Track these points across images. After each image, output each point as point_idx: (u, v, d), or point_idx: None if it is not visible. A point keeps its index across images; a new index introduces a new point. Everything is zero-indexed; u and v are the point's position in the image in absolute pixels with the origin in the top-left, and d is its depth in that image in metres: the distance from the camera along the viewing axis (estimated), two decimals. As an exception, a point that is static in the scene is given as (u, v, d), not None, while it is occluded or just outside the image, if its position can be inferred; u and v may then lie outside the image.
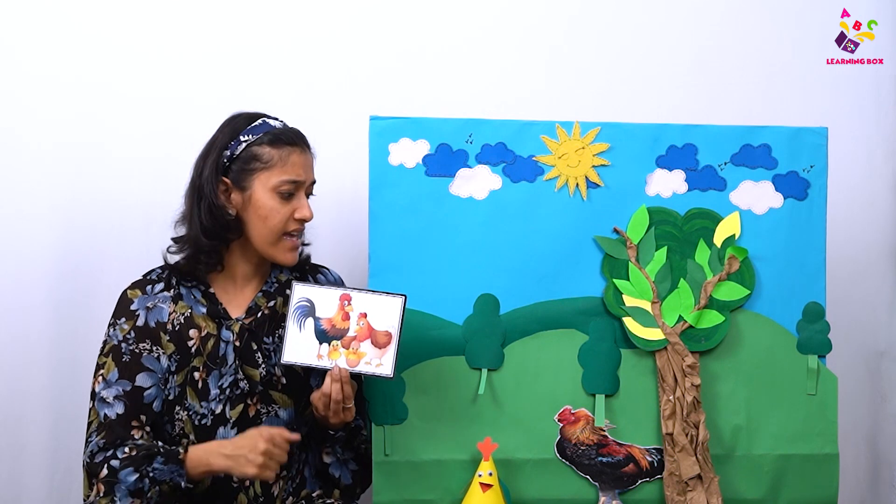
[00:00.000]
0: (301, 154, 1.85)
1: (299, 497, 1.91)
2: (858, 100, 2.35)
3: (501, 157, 1.89)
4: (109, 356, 1.82)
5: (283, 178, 1.82)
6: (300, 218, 1.84)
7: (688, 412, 1.84)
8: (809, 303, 1.90)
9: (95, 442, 1.77)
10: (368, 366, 1.76)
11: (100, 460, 1.75)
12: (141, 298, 1.85)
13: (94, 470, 1.75)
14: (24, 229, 2.21)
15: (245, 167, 1.83)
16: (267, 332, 1.88)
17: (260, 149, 1.82)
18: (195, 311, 1.85)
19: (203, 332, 1.84)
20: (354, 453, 1.92)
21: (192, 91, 2.23)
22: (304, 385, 1.89)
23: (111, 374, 1.80)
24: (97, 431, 1.78)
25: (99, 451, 1.76)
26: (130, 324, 1.83)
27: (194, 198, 1.84)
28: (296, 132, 1.87)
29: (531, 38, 2.31)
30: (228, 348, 1.85)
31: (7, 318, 2.21)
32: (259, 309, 1.89)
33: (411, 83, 2.27)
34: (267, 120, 1.86)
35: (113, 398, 1.79)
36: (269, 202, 1.82)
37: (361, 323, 1.76)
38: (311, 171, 1.88)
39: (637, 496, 1.87)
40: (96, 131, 2.22)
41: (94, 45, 2.23)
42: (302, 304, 1.77)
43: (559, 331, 1.87)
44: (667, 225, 1.89)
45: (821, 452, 1.89)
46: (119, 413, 1.78)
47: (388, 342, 1.76)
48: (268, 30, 2.27)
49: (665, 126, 1.91)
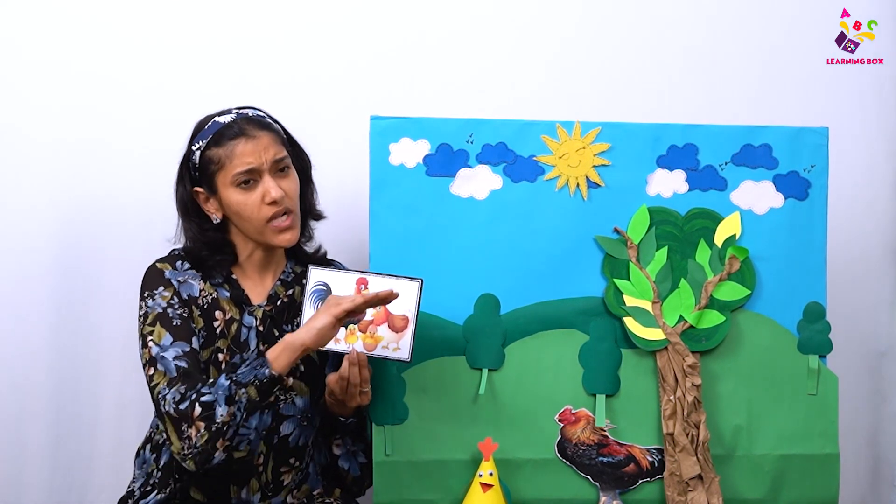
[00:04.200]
0: (247, 141, 1.81)
1: (301, 491, 1.92)
2: (858, 100, 2.35)
3: (502, 156, 1.89)
4: (157, 324, 1.79)
5: (233, 172, 1.81)
6: (270, 201, 1.82)
7: (688, 412, 1.84)
8: (810, 303, 1.90)
9: (175, 390, 1.71)
10: (386, 350, 1.77)
11: (186, 405, 1.69)
12: (171, 271, 1.85)
13: (186, 413, 1.68)
14: (25, 227, 2.21)
15: (205, 173, 1.85)
16: (286, 320, 1.89)
17: (209, 152, 1.83)
18: (220, 294, 1.86)
19: (227, 315, 1.85)
20: (364, 445, 1.93)
21: (193, 91, 2.23)
22: (319, 373, 1.90)
23: (164, 338, 1.77)
24: (170, 385, 1.72)
25: (182, 398, 1.70)
26: (171, 290, 1.82)
27: (181, 211, 1.89)
28: (242, 120, 1.84)
29: (532, 37, 2.31)
30: (251, 333, 1.86)
31: (7, 316, 2.21)
32: (279, 297, 1.90)
33: (412, 83, 2.27)
34: (217, 119, 1.85)
35: (173, 358, 1.76)
36: (235, 197, 1.83)
37: (378, 307, 1.76)
38: (263, 153, 1.81)
39: (638, 496, 1.87)
40: (96, 128, 2.22)
41: (95, 42, 2.23)
42: (318, 287, 1.78)
43: (560, 331, 1.87)
44: (667, 225, 1.89)
45: (821, 452, 1.89)
46: (185, 367, 1.74)
47: (405, 326, 1.76)
48: (268, 29, 2.27)
49: (666, 126, 1.91)
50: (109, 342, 2.23)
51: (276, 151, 1.84)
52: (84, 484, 2.24)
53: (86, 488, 2.24)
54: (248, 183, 1.82)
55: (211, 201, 1.86)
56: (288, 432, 1.88)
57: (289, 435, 1.88)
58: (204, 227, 1.88)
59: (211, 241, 1.87)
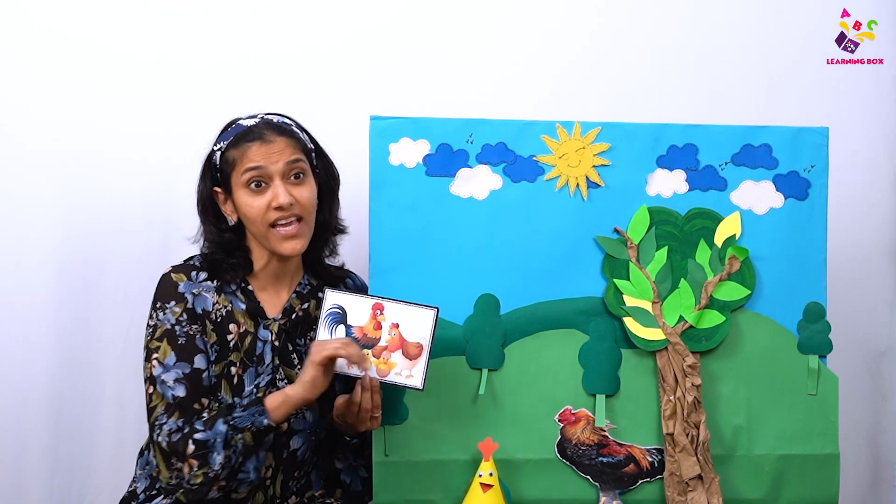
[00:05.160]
0: (262, 144, 1.81)
1: (303, 497, 1.92)
2: (859, 100, 2.35)
3: (502, 156, 1.89)
4: (164, 340, 1.79)
5: (242, 171, 1.81)
6: (276, 205, 1.81)
7: (688, 412, 1.84)
8: (810, 303, 1.90)
9: (172, 422, 1.74)
10: (399, 377, 1.76)
11: (178, 438, 1.71)
12: (186, 283, 1.84)
13: (177, 448, 1.71)
14: (26, 232, 2.21)
15: (223, 174, 1.85)
16: (301, 334, 1.89)
17: (228, 153, 1.83)
18: (235, 306, 1.85)
19: (241, 328, 1.85)
20: (365, 461, 1.92)
21: (193, 93, 2.23)
22: (330, 389, 1.89)
23: (168, 357, 1.78)
24: (167, 413, 1.75)
25: (177, 431, 1.73)
26: (181, 306, 1.81)
27: (199, 210, 1.89)
28: (262, 124, 1.84)
29: (532, 37, 2.31)
30: (266, 347, 1.86)
31: (9, 320, 2.21)
32: (294, 310, 1.90)
33: (412, 83, 2.27)
34: (241, 122, 1.86)
35: (173, 381, 1.77)
36: (244, 198, 1.82)
37: (393, 333, 1.76)
38: (277, 156, 1.81)
39: (637, 496, 1.86)
40: (97, 136, 2.24)
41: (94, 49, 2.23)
42: (334, 310, 1.77)
43: (560, 331, 1.87)
44: (667, 225, 1.89)
45: (821, 452, 1.89)
46: (181, 395, 1.76)
47: (419, 354, 1.76)
48: (268, 30, 2.27)
49: (666, 126, 1.91)
50: (109, 343, 2.23)
51: (290, 156, 1.82)
52: (84, 484, 2.24)
53: (86, 488, 2.24)
54: (260, 186, 1.81)
55: (227, 202, 1.86)
56: (297, 446, 1.87)
57: (298, 449, 1.88)
58: (221, 227, 1.87)
59: (226, 242, 1.86)
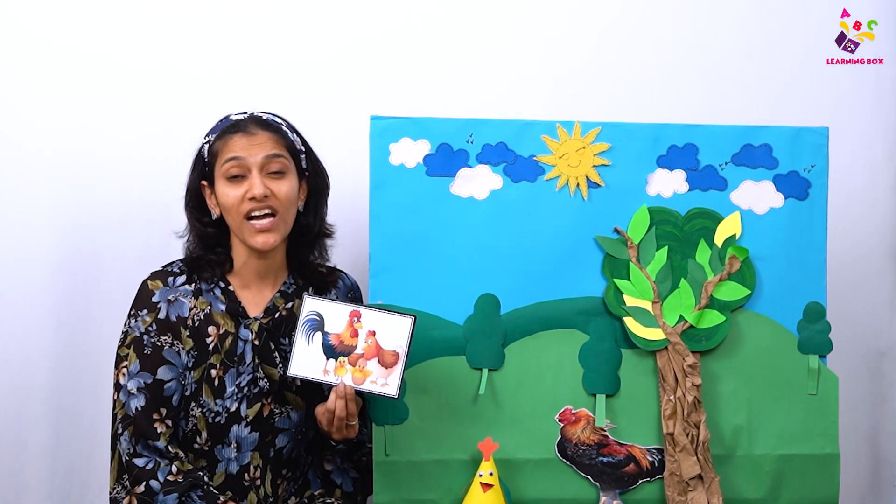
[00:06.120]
0: (244, 136, 1.83)
1: (302, 497, 1.92)
2: (858, 100, 2.35)
3: (502, 156, 1.89)
4: (131, 348, 1.83)
5: (223, 160, 1.83)
6: (251, 196, 1.81)
7: (688, 412, 1.84)
8: (810, 303, 1.90)
9: (127, 439, 1.79)
10: (374, 385, 1.75)
11: (136, 471, 1.77)
12: (162, 290, 1.85)
13: (132, 474, 1.78)
14: (26, 232, 2.21)
15: (208, 165, 1.86)
16: (284, 333, 1.89)
17: (213, 145, 1.85)
18: (214, 307, 1.86)
19: (221, 329, 1.85)
20: (354, 464, 1.93)
21: (193, 93, 2.23)
22: (317, 388, 1.89)
23: (133, 365, 1.82)
24: (123, 424, 1.80)
25: (134, 455, 1.78)
26: (152, 316, 1.83)
27: (185, 201, 1.90)
28: (248, 119, 1.85)
29: (532, 37, 2.30)
30: (247, 347, 1.86)
31: (9, 319, 2.21)
32: (277, 309, 1.90)
33: (412, 83, 2.27)
34: (230, 116, 1.88)
35: (136, 389, 1.81)
36: (223, 189, 1.84)
37: (370, 341, 1.76)
38: (257, 149, 1.82)
39: (638, 496, 1.86)
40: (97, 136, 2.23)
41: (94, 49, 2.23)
42: (311, 317, 1.77)
43: (560, 331, 1.87)
44: (667, 225, 1.89)
45: (821, 452, 1.89)
46: (141, 405, 1.80)
47: (395, 362, 1.75)
48: (267, 30, 2.26)
49: (666, 126, 1.91)
50: (110, 343, 2.20)
51: (270, 150, 1.83)
52: (84, 484, 2.24)
53: (86, 488, 2.24)
54: (237, 178, 1.82)
55: (212, 196, 1.87)
56: (282, 445, 1.88)
57: (283, 447, 1.88)
58: (203, 220, 1.89)
59: (208, 237, 1.88)
